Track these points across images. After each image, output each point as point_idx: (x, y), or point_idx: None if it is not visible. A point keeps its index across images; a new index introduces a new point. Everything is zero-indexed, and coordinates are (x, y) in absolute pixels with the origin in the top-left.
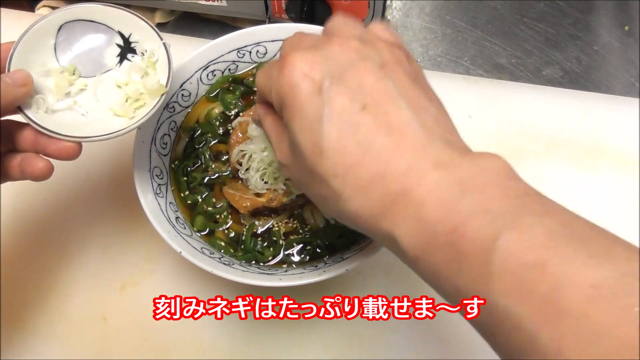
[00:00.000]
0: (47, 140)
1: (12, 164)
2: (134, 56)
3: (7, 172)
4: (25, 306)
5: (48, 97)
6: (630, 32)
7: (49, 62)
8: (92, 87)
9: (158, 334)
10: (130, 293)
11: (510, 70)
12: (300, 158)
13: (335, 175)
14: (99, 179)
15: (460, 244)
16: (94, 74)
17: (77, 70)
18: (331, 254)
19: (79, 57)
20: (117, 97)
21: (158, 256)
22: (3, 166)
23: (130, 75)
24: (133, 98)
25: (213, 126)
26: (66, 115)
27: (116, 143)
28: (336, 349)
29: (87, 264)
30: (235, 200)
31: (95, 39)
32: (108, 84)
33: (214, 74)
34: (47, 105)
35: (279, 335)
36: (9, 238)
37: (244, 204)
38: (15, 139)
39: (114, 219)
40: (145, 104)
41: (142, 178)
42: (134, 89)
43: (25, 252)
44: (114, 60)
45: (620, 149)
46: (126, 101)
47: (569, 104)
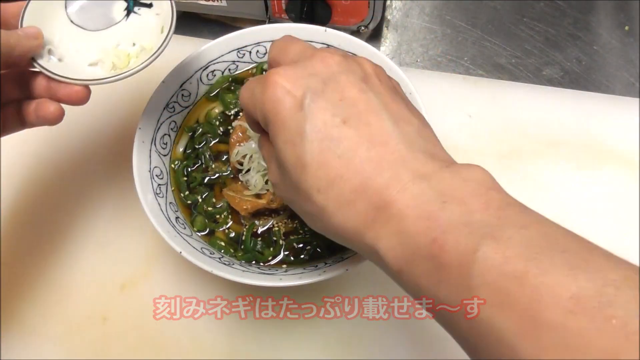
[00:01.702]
0: (57, 86)
1: (28, 110)
2: (140, 8)
3: (24, 118)
4: (25, 306)
5: (58, 47)
6: (631, 32)
7: (58, 16)
8: (101, 39)
9: (158, 334)
10: (130, 293)
11: (510, 70)
12: (286, 174)
13: (319, 190)
14: (98, 178)
15: (440, 255)
16: (103, 28)
17: None
18: (331, 254)
19: (87, 12)
20: (122, 49)
21: (158, 256)
22: (21, 113)
23: (135, 27)
24: (138, 50)
25: (213, 126)
26: (77, 64)
27: (116, 143)
28: (336, 349)
29: (86, 264)
30: (236, 202)
31: None
32: (116, 37)
33: (214, 74)
34: (58, 55)
35: (279, 335)
36: (9, 238)
37: (244, 206)
38: (31, 87)
39: (113, 219)
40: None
41: (142, 178)
42: (138, 41)
43: (24, 252)
44: (122, 14)
45: (621, 148)
46: (128, 55)
47: (569, 104)
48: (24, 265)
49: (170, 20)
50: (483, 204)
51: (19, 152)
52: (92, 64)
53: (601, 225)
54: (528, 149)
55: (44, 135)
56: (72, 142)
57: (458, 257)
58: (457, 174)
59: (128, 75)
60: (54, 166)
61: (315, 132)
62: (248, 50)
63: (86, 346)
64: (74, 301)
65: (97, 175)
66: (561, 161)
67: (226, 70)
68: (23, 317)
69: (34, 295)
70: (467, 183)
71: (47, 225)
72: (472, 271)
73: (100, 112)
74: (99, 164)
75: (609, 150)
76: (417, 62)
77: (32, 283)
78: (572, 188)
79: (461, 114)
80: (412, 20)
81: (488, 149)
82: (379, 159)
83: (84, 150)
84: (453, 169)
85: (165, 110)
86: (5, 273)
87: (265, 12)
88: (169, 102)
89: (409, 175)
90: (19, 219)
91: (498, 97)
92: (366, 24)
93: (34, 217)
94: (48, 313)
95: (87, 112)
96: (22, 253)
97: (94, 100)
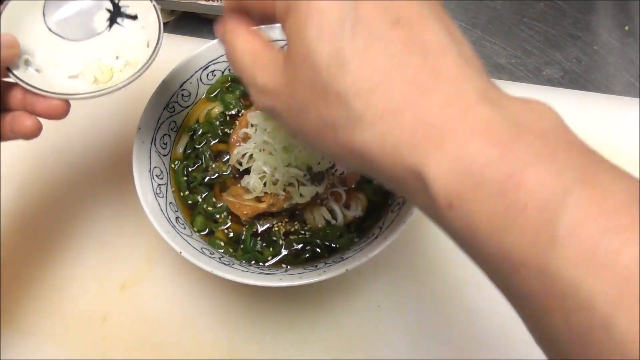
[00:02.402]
0: (35, 99)
1: (3, 123)
2: (124, 20)
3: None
4: (25, 306)
5: (36, 57)
6: (630, 32)
7: (36, 24)
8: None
9: (158, 334)
10: (130, 293)
11: (510, 70)
12: (310, 73)
13: (357, 94)
14: (98, 179)
15: (515, 194)
16: (84, 38)
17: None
18: (331, 254)
19: (68, 20)
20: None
21: (158, 256)
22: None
23: (119, 40)
24: (122, 64)
25: (213, 126)
26: (56, 76)
27: (116, 143)
28: (336, 349)
29: (86, 264)
30: (236, 208)
31: (84, 2)
32: (98, 48)
33: (214, 74)
34: (35, 66)
35: (279, 335)
36: (9, 239)
37: (245, 211)
38: (6, 99)
39: (113, 219)
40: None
41: (142, 178)
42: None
43: (24, 252)
44: (104, 24)
45: (621, 148)
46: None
47: (569, 104)
48: (24, 265)
49: (157, 35)
50: (566, 143)
51: (18, 152)
52: (73, 77)
53: None
54: None
55: (44, 135)
56: (72, 143)
57: (541, 200)
58: (527, 105)
59: (111, 91)
60: (54, 166)
61: (362, 26)
62: None
63: (86, 346)
64: (74, 301)
65: (97, 176)
66: None
67: (226, 70)
68: (23, 317)
69: (33, 295)
70: (543, 118)
71: (46, 226)
72: (560, 218)
73: (100, 113)
74: (99, 164)
75: (609, 150)
76: None
77: (32, 283)
78: None
79: None
80: None
81: None
82: (435, 71)
83: (84, 150)
84: (522, 100)
85: (165, 110)
86: (5, 273)
87: None
88: (169, 102)
89: (473, 96)
90: (19, 219)
91: None
92: None
93: (34, 217)
94: (48, 313)
95: (87, 113)
96: (22, 253)
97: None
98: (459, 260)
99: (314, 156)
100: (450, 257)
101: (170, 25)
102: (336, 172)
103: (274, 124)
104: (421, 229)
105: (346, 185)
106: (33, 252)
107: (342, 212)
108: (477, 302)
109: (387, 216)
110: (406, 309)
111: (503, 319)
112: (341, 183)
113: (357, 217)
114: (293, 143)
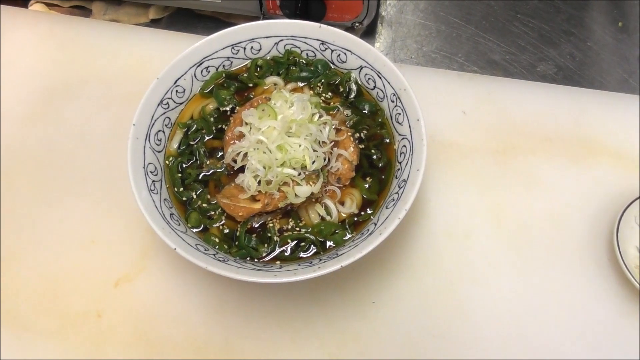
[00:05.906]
0: None
1: None
2: None
3: None
4: (20, 302)
5: None
6: (624, 28)
7: None
8: None
9: (152, 331)
10: (124, 289)
11: (504, 66)
12: None
13: None
14: (93, 175)
15: None
16: None
17: None
18: (325, 250)
19: None
20: None
21: (152, 253)
22: None
23: None
24: None
25: (207, 122)
26: None
27: (110, 139)
28: (332, 346)
29: (80, 260)
30: (231, 209)
31: None
32: None
33: (208, 70)
34: None
35: (274, 332)
36: (4, 235)
37: (239, 212)
38: None
39: (108, 215)
40: None
41: (136, 174)
42: None
43: (19, 249)
44: None
45: (614, 144)
46: None
47: (563, 99)
48: (19, 262)
49: None
50: None
51: (15, 149)
52: None
53: (595, 219)
54: (522, 144)
55: (39, 132)
56: (67, 139)
57: None
58: None
59: None
60: (49, 163)
61: None
62: (242, 46)
63: (81, 342)
64: (68, 297)
65: (92, 172)
66: (555, 157)
67: (220, 67)
68: (17, 314)
69: (28, 291)
70: None
71: (40, 222)
72: None
73: (94, 109)
74: (94, 160)
75: (603, 145)
76: (412, 59)
77: (26, 279)
78: (566, 183)
79: (456, 110)
80: (406, 17)
81: (482, 145)
82: None
83: (79, 147)
84: None
85: (159, 107)
86: (6, 273)
87: (259, 8)
88: (163, 98)
89: None
90: (13, 215)
91: (492, 94)
92: (360, 20)
93: (28, 214)
94: (42, 309)
95: (82, 109)
96: (16, 250)
97: (88, 96)
98: (453, 256)
99: (308, 155)
100: (445, 253)
101: (164, 21)
102: (331, 170)
103: (268, 123)
104: (415, 225)
105: (341, 183)
106: (27, 248)
107: (336, 208)
108: (471, 298)
109: (381, 212)
110: (400, 305)
111: (497, 314)
112: (336, 180)
113: (351, 213)
114: (287, 142)
